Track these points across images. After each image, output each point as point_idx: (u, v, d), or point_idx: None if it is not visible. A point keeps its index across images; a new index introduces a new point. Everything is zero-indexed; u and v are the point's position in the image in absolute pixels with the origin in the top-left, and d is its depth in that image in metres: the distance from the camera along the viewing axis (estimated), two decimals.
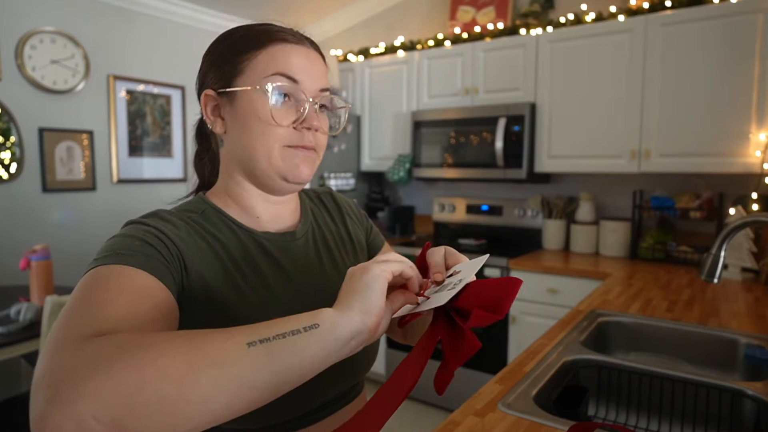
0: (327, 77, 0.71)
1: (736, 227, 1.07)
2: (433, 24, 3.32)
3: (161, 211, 0.65)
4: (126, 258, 0.54)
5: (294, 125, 0.66)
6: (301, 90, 0.66)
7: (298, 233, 0.74)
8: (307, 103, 0.66)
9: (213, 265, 0.63)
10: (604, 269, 2.29)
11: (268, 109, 0.64)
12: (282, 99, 0.65)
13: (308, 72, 0.67)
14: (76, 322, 0.45)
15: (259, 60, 0.65)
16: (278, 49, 0.66)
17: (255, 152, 0.66)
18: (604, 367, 1.18)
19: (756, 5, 2.10)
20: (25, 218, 2.64)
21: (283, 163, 0.67)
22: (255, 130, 0.65)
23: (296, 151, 0.67)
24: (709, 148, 2.24)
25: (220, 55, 0.68)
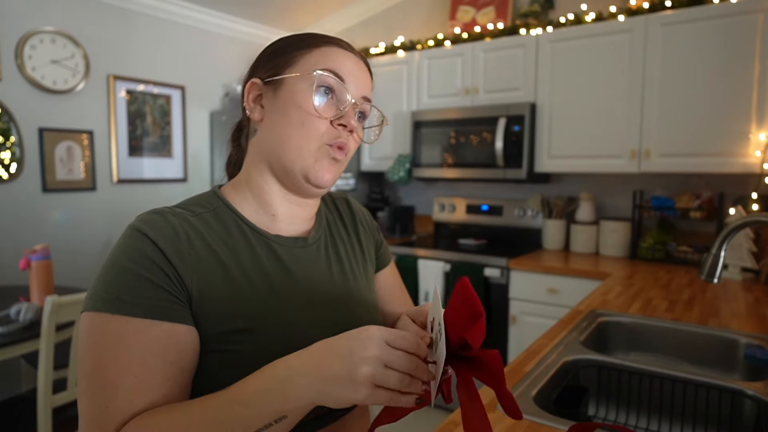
0: (371, 90, 0.73)
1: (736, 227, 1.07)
2: (433, 24, 3.32)
3: (166, 213, 0.63)
4: (129, 307, 0.56)
5: (332, 121, 0.67)
6: (346, 89, 0.67)
7: (310, 240, 0.73)
8: (349, 103, 0.67)
9: (216, 274, 0.62)
10: (604, 269, 2.29)
11: (310, 99, 0.65)
12: (326, 94, 0.66)
13: (356, 76, 0.68)
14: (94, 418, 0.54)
15: (312, 55, 0.67)
16: (332, 50, 0.68)
17: (289, 141, 0.66)
18: (604, 367, 1.18)
19: (756, 5, 2.10)
20: (25, 218, 2.64)
21: (313, 160, 0.66)
22: (294, 119, 0.66)
23: (329, 149, 0.67)
24: (709, 148, 2.24)
25: (273, 51, 0.70)
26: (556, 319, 2.22)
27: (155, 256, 0.58)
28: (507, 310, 2.52)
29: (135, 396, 0.54)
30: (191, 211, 0.65)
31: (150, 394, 0.55)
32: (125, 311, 0.55)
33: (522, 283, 2.46)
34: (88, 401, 0.54)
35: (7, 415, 1.75)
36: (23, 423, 1.69)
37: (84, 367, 0.55)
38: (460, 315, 0.51)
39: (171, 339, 0.57)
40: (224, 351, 0.60)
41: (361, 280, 0.79)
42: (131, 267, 0.57)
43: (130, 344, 0.55)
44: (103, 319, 0.56)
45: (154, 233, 0.59)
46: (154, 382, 0.55)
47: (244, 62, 3.64)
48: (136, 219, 0.62)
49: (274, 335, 0.63)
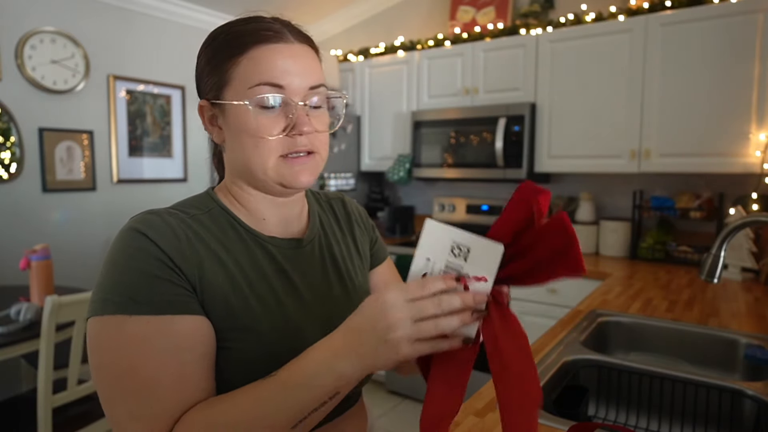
0: (319, 71, 0.67)
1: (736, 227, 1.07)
2: (433, 24, 3.32)
3: (162, 213, 0.62)
4: (146, 307, 0.55)
5: (285, 133, 0.64)
6: (288, 95, 0.63)
7: (304, 241, 0.73)
8: (295, 108, 0.63)
9: (217, 273, 0.62)
10: (604, 269, 2.29)
11: (254, 122, 0.62)
12: (269, 109, 0.63)
13: (294, 73, 0.63)
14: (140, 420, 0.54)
15: (242, 67, 0.63)
16: (259, 53, 0.63)
17: (251, 164, 0.65)
18: (604, 367, 1.18)
19: (756, 5, 2.10)
20: (25, 218, 2.64)
21: (279, 173, 0.65)
22: (247, 144, 0.64)
23: (291, 161, 0.65)
24: (709, 148, 2.24)
25: (208, 62, 0.66)
26: (556, 319, 2.22)
27: (158, 254, 0.58)
28: None
29: (179, 393, 0.55)
30: (186, 213, 0.65)
31: (192, 389, 0.56)
32: (142, 311, 0.55)
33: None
34: (128, 405, 0.54)
35: (7, 415, 1.75)
36: (23, 423, 1.69)
37: (109, 373, 0.54)
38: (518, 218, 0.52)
39: (196, 331, 0.58)
40: (226, 348, 0.60)
41: (357, 280, 0.78)
42: (137, 266, 0.57)
43: (157, 343, 0.55)
44: (119, 321, 0.55)
45: (153, 233, 0.59)
46: (194, 375, 0.56)
47: None
48: (131, 220, 0.61)
49: (273, 334, 0.63)
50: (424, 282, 0.51)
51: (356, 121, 3.36)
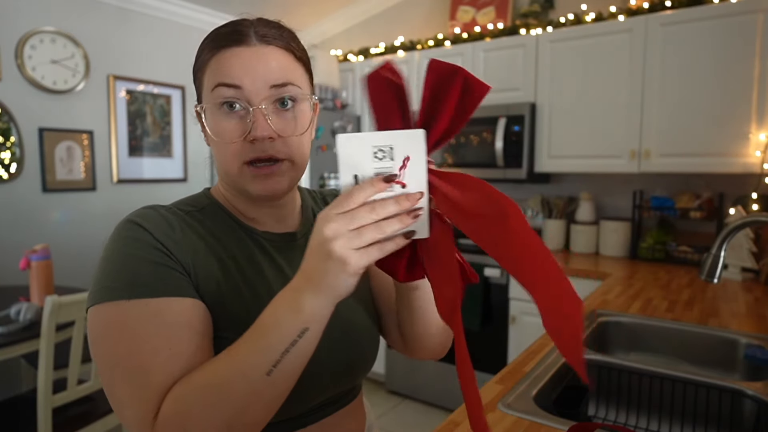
0: (286, 70, 0.64)
1: (736, 227, 1.07)
2: (433, 24, 3.32)
3: (158, 207, 0.64)
4: (145, 290, 0.56)
5: (243, 138, 0.61)
6: (245, 96, 0.61)
7: (298, 234, 0.74)
8: (251, 111, 0.61)
9: (210, 264, 0.63)
10: (604, 269, 2.29)
11: (216, 126, 0.62)
12: (229, 112, 0.62)
13: (252, 72, 0.61)
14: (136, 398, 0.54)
15: (208, 72, 0.64)
16: (221, 56, 0.62)
17: (222, 169, 0.66)
18: (604, 367, 1.18)
19: (756, 5, 2.10)
20: (25, 218, 2.64)
21: (244, 181, 0.64)
22: (216, 148, 0.64)
23: (255, 169, 0.63)
24: (709, 148, 2.24)
25: (194, 69, 0.68)
26: None
27: (154, 242, 0.59)
28: (507, 310, 2.52)
29: (171, 366, 0.55)
30: (182, 209, 0.66)
31: (185, 361, 0.56)
32: (141, 294, 0.56)
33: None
34: (127, 386, 0.54)
35: (7, 415, 1.75)
36: (23, 423, 1.69)
37: (110, 358, 0.55)
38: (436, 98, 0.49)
39: (194, 311, 0.58)
40: (219, 338, 0.61)
41: None
42: (134, 253, 0.58)
43: (156, 323, 0.56)
44: (119, 307, 0.56)
45: (149, 224, 0.60)
46: (188, 351, 0.56)
47: None
48: (127, 215, 0.62)
49: None
50: (351, 191, 0.48)
51: (356, 121, 3.36)
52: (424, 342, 0.74)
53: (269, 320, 0.52)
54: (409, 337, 0.75)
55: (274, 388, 0.52)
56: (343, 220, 0.47)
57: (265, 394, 0.52)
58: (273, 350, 0.51)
